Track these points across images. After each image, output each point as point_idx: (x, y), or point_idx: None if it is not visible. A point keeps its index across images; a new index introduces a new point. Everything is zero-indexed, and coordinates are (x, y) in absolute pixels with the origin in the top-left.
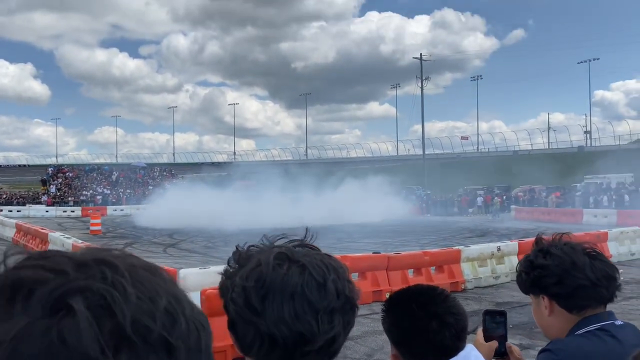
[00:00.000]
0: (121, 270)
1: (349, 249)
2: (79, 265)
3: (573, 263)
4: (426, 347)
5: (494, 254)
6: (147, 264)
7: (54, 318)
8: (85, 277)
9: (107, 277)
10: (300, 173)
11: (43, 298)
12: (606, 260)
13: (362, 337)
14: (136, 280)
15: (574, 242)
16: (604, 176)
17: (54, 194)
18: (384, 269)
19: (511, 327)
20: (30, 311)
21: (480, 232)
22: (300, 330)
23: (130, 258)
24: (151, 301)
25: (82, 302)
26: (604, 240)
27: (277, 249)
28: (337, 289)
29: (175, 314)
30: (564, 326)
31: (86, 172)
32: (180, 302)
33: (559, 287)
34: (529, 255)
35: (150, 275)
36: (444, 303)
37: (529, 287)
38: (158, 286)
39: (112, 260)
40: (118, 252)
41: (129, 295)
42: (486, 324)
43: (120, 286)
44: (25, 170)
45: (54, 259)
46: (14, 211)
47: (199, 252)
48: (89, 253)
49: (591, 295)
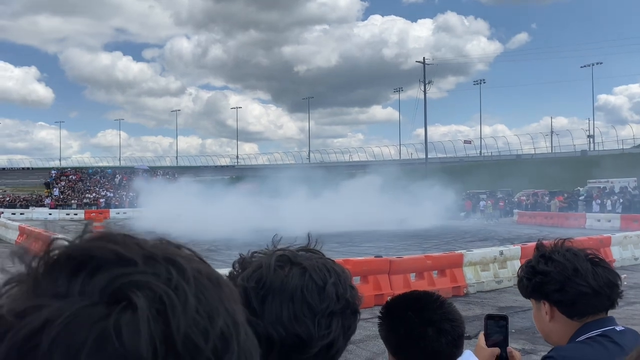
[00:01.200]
0: (188, 275)
1: (350, 253)
2: (148, 258)
3: (575, 270)
4: (423, 355)
5: (496, 258)
6: (213, 272)
7: (112, 307)
8: (152, 272)
9: (172, 279)
10: (323, 176)
11: (104, 282)
12: (608, 266)
13: (364, 341)
14: (200, 290)
15: (576, 248)
16: (607, 180)
17: (57, 196)
18: (385, 273)
19: (513, 332)
20: (88, 292)
21: (482, 236)
22: (298, 332)
23: (198, 263)
24: (209, 318)
25: (144, 299)
26: (607, 245)
27: (280, 252)
28: (337, 292)
29: (229, 338)
30: (565, 332)
31: (89, 175)
32: (237, 326)
33: (560, 293)
34: (530, 261)
35: (215, 287)
36: (440, 309)
37: (530, 292)
38: (219, 302)
39: (182, 261)
40: (189, 252)
41: (188, 306)
42: (488, 328)
43: (183, 293)
44: (28, 173)
45: (127, 243)
46: (17, 214)
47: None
48: (160, 247)
49: (593, 303)
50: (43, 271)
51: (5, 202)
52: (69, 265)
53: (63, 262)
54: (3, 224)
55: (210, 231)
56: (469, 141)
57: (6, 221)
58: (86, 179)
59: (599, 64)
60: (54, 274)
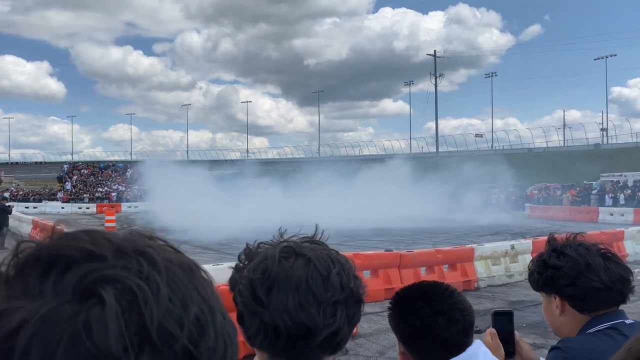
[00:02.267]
0: (159, 265)
1: (361, 247)
2: (118, 252)
3: (587, 265)
4: (433, 344)
5: (507, 252)
6: (186, 260)
7: (83, 304)
8: (122, 266)
9: (143, 271)
10: (347, 169)
11: (75, 280)
12: (621, 262)
13: (374, 334)
14: (172, 279)
15: (588, 243)
16: (620, 174)
17: (69, 190)
18: (396, 267)
19: (524, 326)
20: (60, 291)
21: (493, 230)
22: (303, 321)
23: (170, 252)
24: (182, 306)
25: (113, 293)
26: (620, 239)
27: (285, 243)
28: (341, 282)
29: (205, 324)
30: (575, 325)
31: (101, 169)
32: (212, 310)
33: (572, 288)
34: (542, 255)
35: (187, 275)
36: (450, 299)
37: (541, 286)
38: (193, 289)
39: (152, 252)
40: (160, 243)
41: (161, 296)
42: (495, 325)
43: (154, 284)
44: (41, 167)
45: (96, 239)
46: (30, 207)
47: (213, 249)
48: (130, 240)
49: (604, 298)
50: (14, 273)
51: (18, 196)
52: (40, 266)
53: (33, 263)
54: (17, 217)
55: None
56: (480, 135)
57: (20, 215)
58: (98, 173)
59: (613, 56)
60: (25, 275)
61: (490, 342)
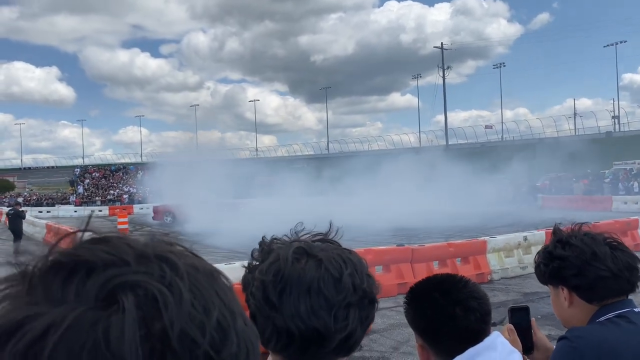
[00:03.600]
0: (181, 271)
1: (373, 242)
2: (140, 257)
3: (593, 254)
4: (453, 334)
5: (520, 243)
6: (207, 266)
7: (104, 311)
8: (144, 271)
9: (165, 276)
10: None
11: (97, 286)
12: (628, 250)
13: (388, 329)
14: (194, 284)
15: (594, 233)
16: (633, 162)
17: (81, 194)
18: (408, 262)
19: (539, 318)
20: (83, 298)
21: (506, 222)
22: (315, 325)
23: (192, 258)
24: (204, 311)
25: (133, 299)
26: (635, 228)
27: (297, 243)
28: (353, 283)
29: (227, 329)
30: (584, 316)
31: (112, 171)
32: (234, 316)
33: (579, 278)
34: (547, 246)
35: (209, 281)
36: (465, 289)
37: (548, 278)
38: (214, 294)
39: (174, 258)
40: (181, 248)
41: (183, 301)
42: (512, 320)
43: (177, 289)
44: (53, 171)
45: (118, 245)
46: (43, 212)
47: (224, 248)
48: (152, 245)
49: (612, 287)
50: (37, 280)
51: (31, 201)
52: (62, 272)
53: (56, 269)
54: (31, 222)
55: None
56: (490, 126)
57: (34, 219)
58: (109, 176)
59: (623, 42)
60: (48, 281)
61: (508, 337)
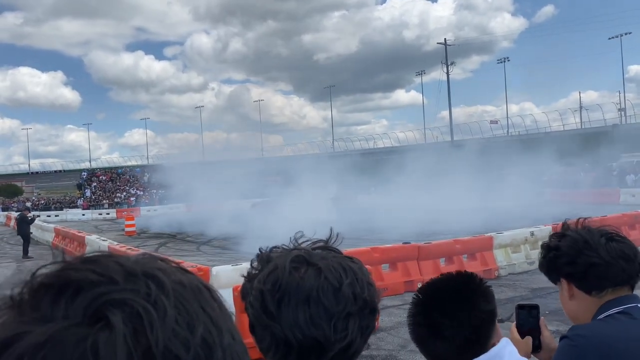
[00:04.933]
0: (167, 288)
1: (380, 240)
2: (128, 275)
3: (585, 242)
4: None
5: (527, 239)
6: (195, 281)
7: (92, 327)
8: (131, 289)
9: (150, 294)
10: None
11: (85, 304)
12: (626, 241)
13: (395, 327)
14: (179, 300)
15: (592, 226)
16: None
17: (89, 197)
18: (414, 259)
19: (547, 313)
20: (71, 315)
21: (513, 217)
22: (314, 335)
23: (181, 275)
24: (189, 327)
25: (121, 316)
26: None
27: (296, 251)
28: (354, 292)
29: (212, 345)
30: (588, 311)
31: (119, 174)
32: (220, 331)
33: (571, 266)
34: (546, 240)
35: (195, 296)
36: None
37: (547, 270)
38: (200, 310)
39: (161, 275)
40: (170, 265)
41: (167, 318)
42: (520, 318)
43: (162, 306)
44: (60, 175)
45: (106, 264)
46: (52, 216)
47: (232, 249)
48: (140, 263)
49: (605, 274)
50: (27, 298)
51: (39, 205)
52: (52, 290)
53: (45, 287)
54: (39, 226)
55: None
56: (495, 121)
57: (42, 223)
58: (116, 179)
59: (628, 34)
60: (37, 300)
61: (516, 337)
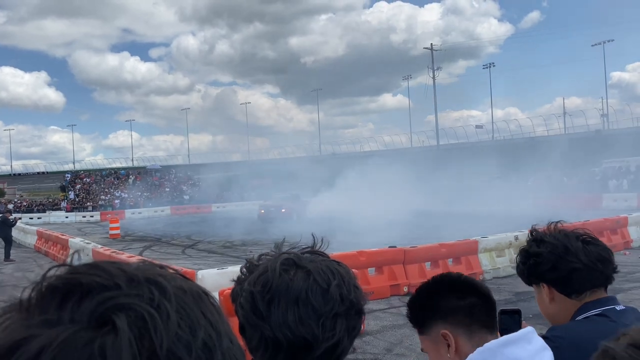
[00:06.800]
0: (169, 293)
1: (365, 244)
2: (131, 281)
3: (565, 248)
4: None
5: (511, 243)
6: (195, 287)
7: (98, 331)
8: (135, 294)
9: (154, 299)
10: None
11: (91, 308)
12: (601, 244)
13: (381, 331)
14: (181, 305)
15: (567, 230)
16: (622, 159)
17: (72, 199)
18: (400, 263)
19: (531, 317)
20: (77, 319)
21: (497, 221)
22: (303, 334)
23: (181, 281)
24: (191, 331)
25: (126, 320)
26: (624, 225)
27: (286, 255)
28: (341, 294)
29: (212, 348)
30: (566, 313)
31: (103, 176)
32: (220, 335)
33: (554, 272)
34: (524, 246)
35: (196, 302)
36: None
37: (527, 276)
38: (200, 315)
39: (162, 281)
40: (170, 272)
41: (170, 322)
42: (502, 323)
43: (165, 310)
44: (44, 177)
45: (110, 269)
46: (34, 218)
47: (217, 252)
48: (142, 269)
49: (586, 278)
50: (35, 302)
51: (22, 207)
52: (58, 295)
53: (52, 292)
54: (21, 228)
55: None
56: (480, 126)
57: (24, 226)
58: (100, 181)
59: (611, 41)
60: (44, 304)
61: None
